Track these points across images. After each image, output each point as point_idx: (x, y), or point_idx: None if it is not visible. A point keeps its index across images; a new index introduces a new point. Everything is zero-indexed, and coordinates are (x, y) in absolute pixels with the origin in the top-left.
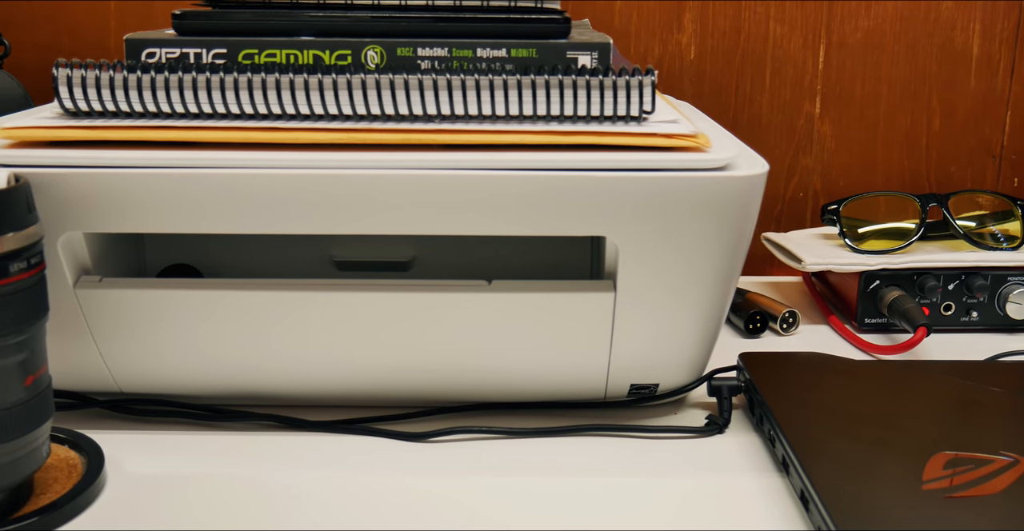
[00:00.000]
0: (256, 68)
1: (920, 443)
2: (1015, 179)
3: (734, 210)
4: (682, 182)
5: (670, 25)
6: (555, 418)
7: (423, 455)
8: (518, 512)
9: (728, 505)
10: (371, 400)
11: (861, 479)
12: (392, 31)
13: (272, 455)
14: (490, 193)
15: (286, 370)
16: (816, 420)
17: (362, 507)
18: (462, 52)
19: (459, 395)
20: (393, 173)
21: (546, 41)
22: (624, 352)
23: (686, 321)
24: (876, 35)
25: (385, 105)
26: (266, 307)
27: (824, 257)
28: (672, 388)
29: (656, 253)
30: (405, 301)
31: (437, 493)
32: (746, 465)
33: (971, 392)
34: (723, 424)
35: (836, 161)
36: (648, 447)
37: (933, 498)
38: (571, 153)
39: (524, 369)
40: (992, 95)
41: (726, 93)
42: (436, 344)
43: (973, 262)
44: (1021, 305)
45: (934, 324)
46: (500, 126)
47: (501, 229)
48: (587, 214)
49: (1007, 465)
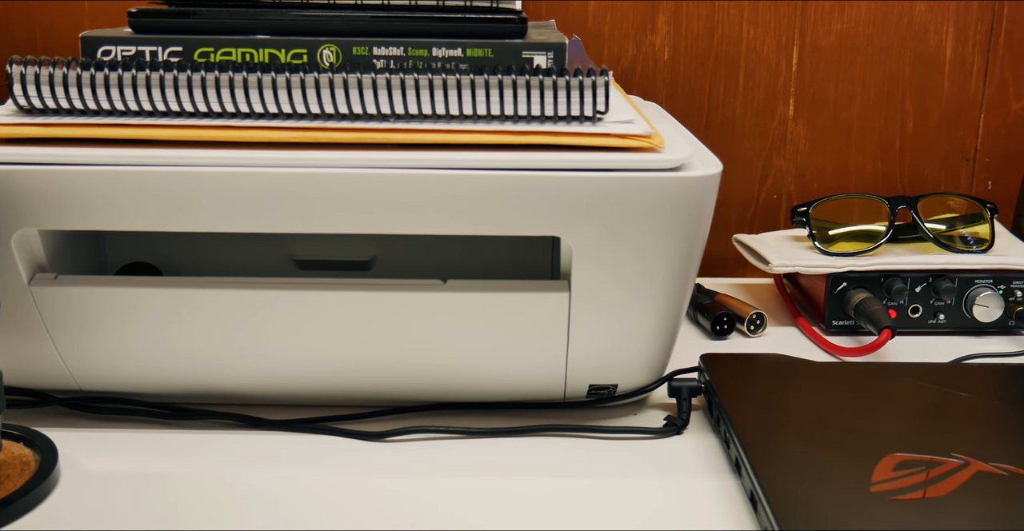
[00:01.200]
0: (211, 66)
1: (873, 445)
2: (989, 182)
3: (688, 210)
4: (635, 182)
5: (644, 27)
6: (515, 418)
7: (381, 454)
8: (471, 511)
9: (680, 506)
10: (330, 399)
11: (810, 480)
12: (348, 30)
13: (230, 454)
14: (443, 192)
15: (246, 369)
16: (771, 421)
17: (318, 505)
18: (418, 51)
19: (418, 394)
20: (347, 172)
21: (502, 41)
22: (581, 352)
23: (642, 321)
24: (849, 37)
25: (339, 104)
26: (225, 306)
27: (791, 259)
28: (632, 389)
29: (610, 253)
30: (361, 300)
31: (393, 492)
32: (702, 466)
33: (930, 394)
34: (681, 425)
35: (810, 163)
36: (606, 448)
37: (879, 500)
38: (524, 153)
39: (482, 369)
40: (966, 98)
41: (700, 95)
42: (393, 343)
43: (940, 265)
44: (988, 308)
45: (901, 326)
46: (455, 125)
47: (454, 229)
48: (540, 214)
49: (957, 467)
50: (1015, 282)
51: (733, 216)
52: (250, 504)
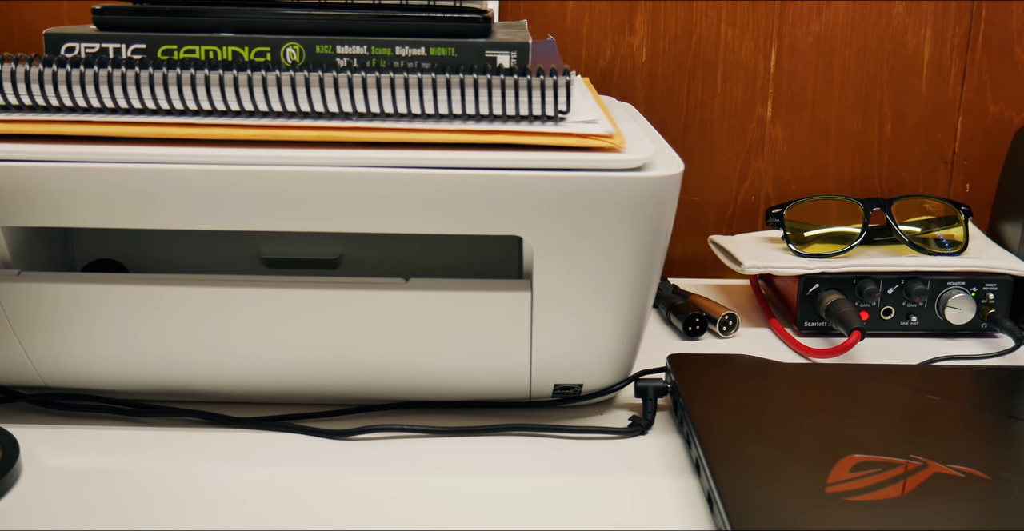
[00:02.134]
0: (174, 64)
1: (833, 446)
2: (967, 184)
3: (649, 210)
4: (595, 182)
5: (622, 27)
6: (480, 417)
7: (345, 453)
8: (432, 510)
9: (640, 506)
10: (296, 397)
11: (767, 481)
12: (311, 28)
13: (195, 451)
14: (403, 191)
15: (212, 366)
16: (732, 422)
17: (281, 503)
18: (381, 50)
19: (383, 393)
20: (308, 170)
21: (465, 40)
22: (545, 352)
23: (606, 321)
24: (827, 39)
25: (302, 103)
26: (191, 303)
27: (764, 260)
28: (597, 389)
29: (571, 253)
30: (323, 298)
31: (356, 490)
32: (664, 467)
33: (894, 396)
34: (646, 425)
35: (788, 165)
36: (569, 447)
37: (833, 501)
38: (485, 152)
39: (446, 367)
40: (943, 101)
41: (678, 96)
42: (357, 341)
43: (912, 267)
44: (960, 310)
45: (873, 328)
46: (417, 124)
47: (414, 228)
48: (500, 213)
49: (915, 469)
50: (987, 285)
51: (711, 217)
52: (214, 502)
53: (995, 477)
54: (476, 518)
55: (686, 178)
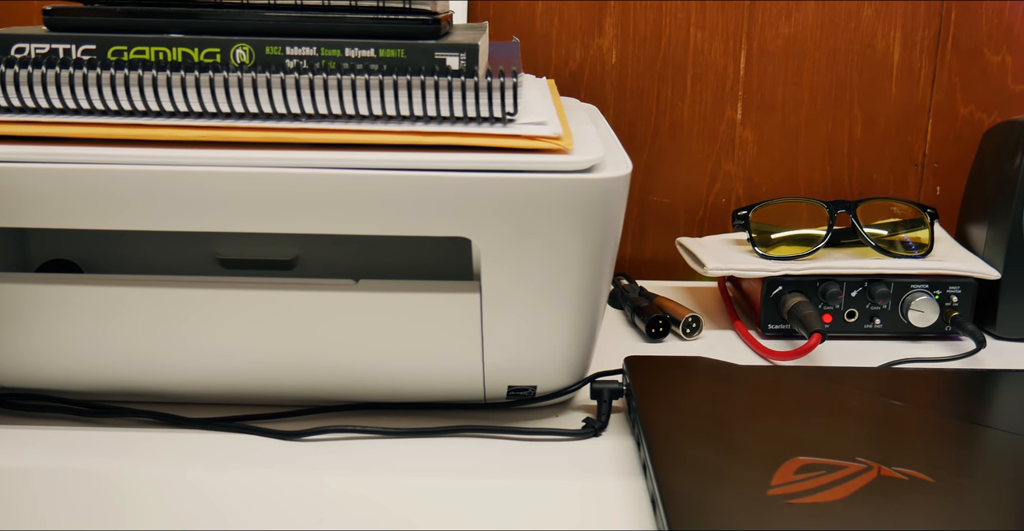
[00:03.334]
0: (123, 64)
1: (780, 448)
2: (937, 187)
3: (597, 211)
4: (542, 184)
5: (591, 29)
6: (436, 419)
7: (297, 454)
8: (379, 510)
9: (587, 508)
10: (250, 398)
11: (709, 483)
12: (260, 30)
13: (148, 452)
14: (349, 192)
15: (167, 367)
16: (682, 424)
17: (231, 504)
18: (330, 51)
19: (337, 394)
20: (254, 171)
21: (414, 42)
22: (497, 353)
23: (557, 323)
24: (797, 42)
25: (249, 104)
26: (145, 304)
27: (727, 262)
28: (552, 390)
29: (519, 255)
30: (274, 299)
31: (307, 491)
32: (614, 468)
33: (848, 399)
34: (599, 427)
35: (758, 167)
36: (522, 449)
37: (774, 503)
38: (432, 153)
39: (399, 368)
40: (913, 103)
41: (647, 98)
42: (309, 342)
43: (876, 269)
44: (923, 313)
45: (838, 331)
46: (366, 126)
47: (361, 229)
48: (447, 215)
49: (859, 471)
50: (951, 287)
51: (682, 219)
52: (167, 502)
53: (940, 480)
54: (424, 519)
55: (656, 180)
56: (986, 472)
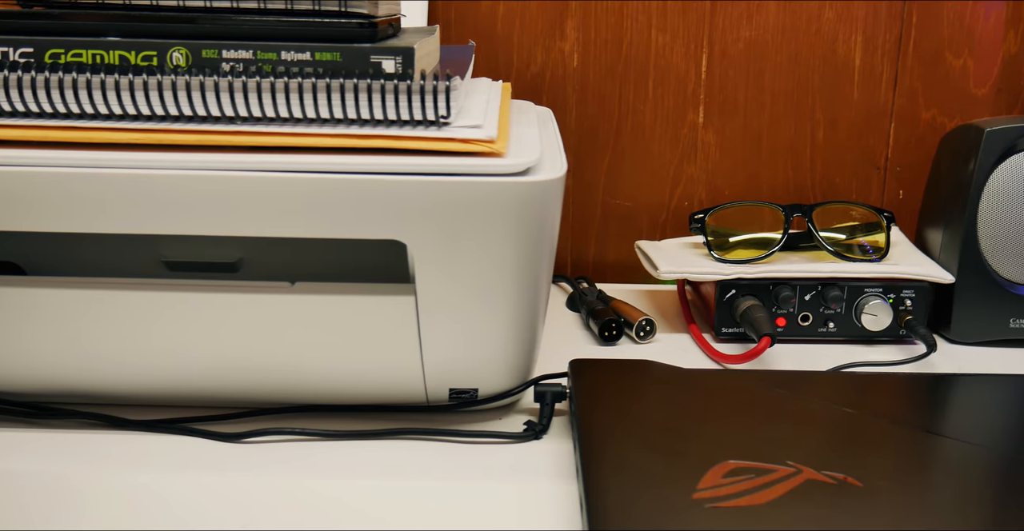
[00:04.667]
0: (59, 67)
1: (712, 452)
2: (900, 191)
3: (530, 214)
4: (474, 187)
5: (552, 33)
6: (379, 421)
7: (237, 455)
8: (312, 511)
9: (519, 510)
10: (194, 400)
11: (636, 486)
12: (197, 33)
13: (91, 453)
14: (283, 196)
15: (109, 368)
16: (617, 427)
17: (171, 505)
18: (267, 55)
19: (280, 396)
20: (187, 174)
21: (350, 45)
22: (436, 356)
23: (495, 325)
24: (758, 46)
25: (183, 106)
26: (87, 305)
27: (681, 266)
28: (495, 393)
29: (453, 258)
30: (212, 302)
31: (243, 492)
32: (551, 471)
33: (788, 402)
34: (540, 430)
35: (720, 170)
36: (461, 451)
37: (696, 506)
38: (364, 156)
39: (339, 371)
40: (875, 107)
41: (609, 101)
42: (249, 345)
43: (829, 273)
44: (876, 316)
45: (792, 334)
46: (301, 129)
47: (295, 231)
48: (380, 218)
49: (787, 475)
50: (905, 291)
51: (644, 222)
52: (107, 502)
53: (868, 484)
54: (355, 520)
55: (619, 183)
56: (916, 476)
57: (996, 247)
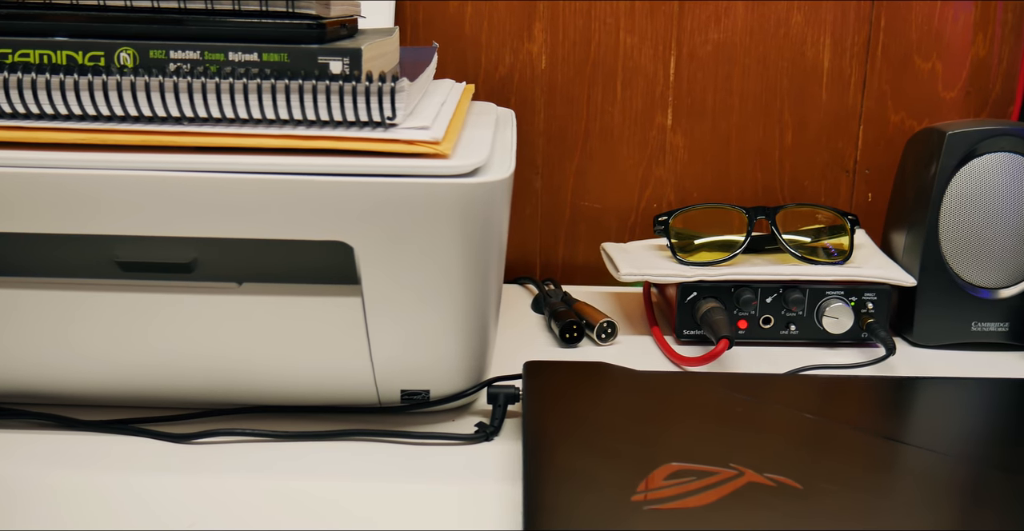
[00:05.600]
0: (5, 67)
1: (657, 454)
2: (869, 194)
3: (475, 215)
4: (417, 188)
5: (521, 34)
6: (332, 422)
7: (188, 456)
8: (253, 512)
9: (463, 511)
10: (145, 401)
11: (575, 488)
12: (144, 33)
13: (41, 453)
14: (227, 196)
15: (61, 369)
16: (564, 429)
17: (123, 506)
18: (214, 55)
19: (231, 397)
20: (133, 174)
21: (297, 46)
22: (385, 357)
23: (443, 327)
24: (727, 48)
25: (128, 107)
26: (38, 306)
27: (642, 268)
28: (447, 394)
29: (398, 259)
30: (161, 302)
31: (189, 493)
32: (499, 473)
33: (735, 405)
34: (491, 432)
35: (689, 173)
36: (413, 453)
37: (634, 508)
38: (309, 157)
39: (289, 372)
40: (844, 110)
41: (578, 103)
42: (199, 345)
43: (790, 275)
44: (838, 319)
45: (754, 337)
46: (247, 129)
47: (240, 233)
48: (324, 219)
49: (729, 478)
50: (866, 294)
51: (613, 225)
52: (57, 502)
53: (808, 486)
54: (295, 520)
55: (588, 185)
56: (858, 479)
57: (958, 250)
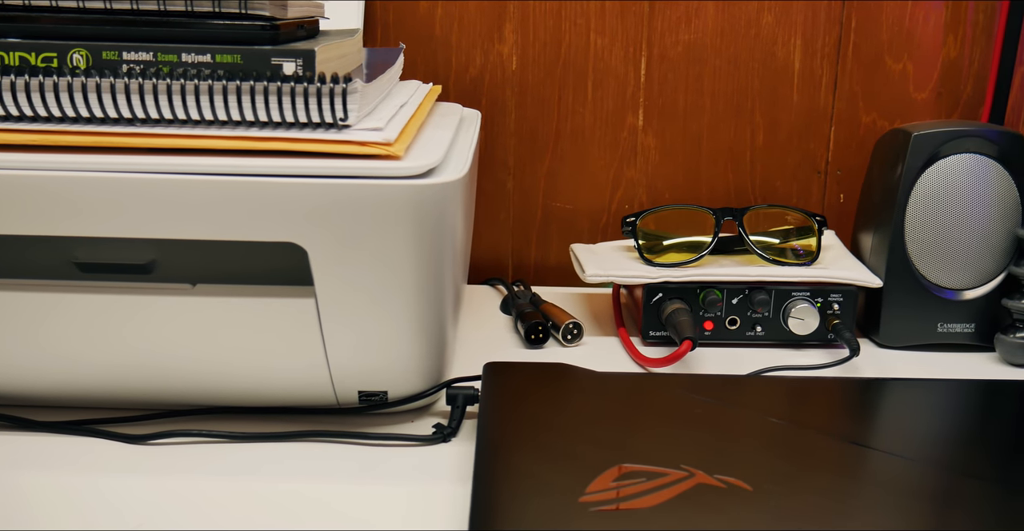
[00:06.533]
0: None
1: (609, 455)
2: (841, 195)
3: (427, 216)
4: (368, 189)
5: (491, 35)
6: (292, 423)
7: (144, 457)
8: (195, 512)
9: (411, 511)
10: (102, 401)
11: (524, 489)
12: (97, 35)
13: None
14: (178, 197)
15: (16, 369)
16: (518, 431)
17: (79, 506)
18: (167, 56)
19: (190, 398)
20: (84, 176)
21: (251, 47)
22: (341, 358)
23: (399, 328)
24: (697, 49)
25: (80, 108)
26: None
27: (607, 269)
28: (405, 395)
29: (351, 260)
30: (116, 304)
31: (149, 494)
32: (452, 474)
33: (693, 406)
34: (449, 433)
35: (661, 174)
36: (369, 454)
37: (580, 509)
38: (261, 159)
39: (245, 373)
40: (816, 111)
41: (549, 104)
42: (155, 346)
43: (756, 277)
44: (803, 320)
45: (720, 338)
46: (200, 131)
47: (192, 234)
48: (275, 221)
49: (679, 479)
50: (832, 295)
51: (585, 226)
52: (9, 503)
53: (758, 488)
54: (239, 521)
55: (559, 186)
56: (808, 480)
57: (923, 251)
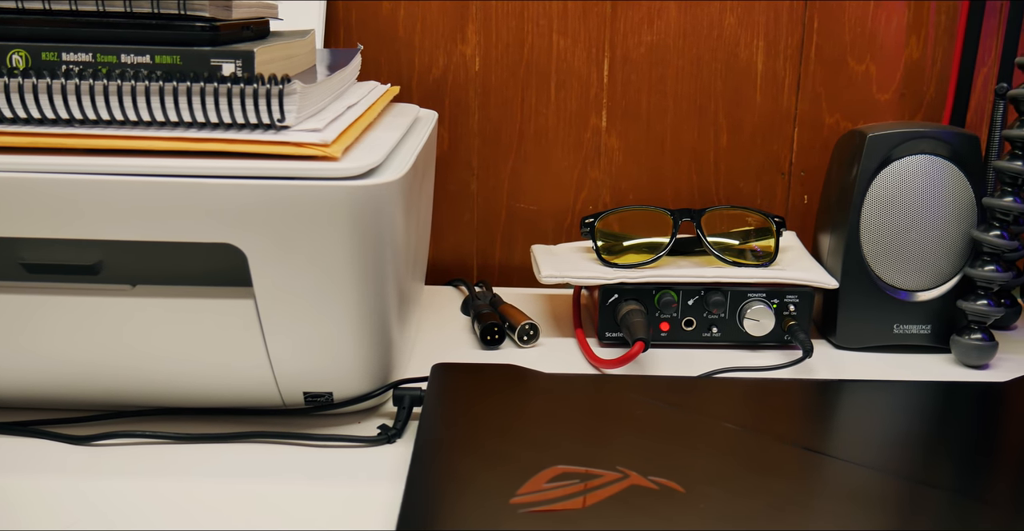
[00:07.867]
0: None
1: (545, 457)
2: (805, 196)
3: (365, 218)
4: (304, 191)
5: (454, 36)
6: (238, 424)
7: (87, 458)
8: (134, 513)
9: (341, 512)
10: (45, 402)
11: (455, 490)
12: (36, 35)
13: None
14: (115, 198)
15: None
16: (457, 431)
17: (20, 508)
18: (106, 57)
19: (134, 399)
20: (17, 176)
21: (190, 48)
22: (283, 360)
23: (339, 329)
24: (660, 50)
25: (17, 109)
26: None
27: (563, 270)
28: (350, 396)
29: (288, 262)
30: (57, 304)
31: (92, 495)
32: (393, 475)
33: (637, 408)
34: (394, 434)
35: (624, 174)
36: (313, 455)
37: (509, 511)
38: (197, 160)
39: (189, 373)
40: (779, 112)
41: (512, 105)
42: (96, 346)
43: (712, 278)
44: (759, 321)
45: (676, 339)
46: (138, 132)
47: (129, 235)
48: (213, 222)
49: (613, 480)
50: (788, 296)
51: (549, 226)
52: None
53: (691, 490)
54: (182, 520)
55: (523, 187)
56: (744, 481)
57: (878, 253)
